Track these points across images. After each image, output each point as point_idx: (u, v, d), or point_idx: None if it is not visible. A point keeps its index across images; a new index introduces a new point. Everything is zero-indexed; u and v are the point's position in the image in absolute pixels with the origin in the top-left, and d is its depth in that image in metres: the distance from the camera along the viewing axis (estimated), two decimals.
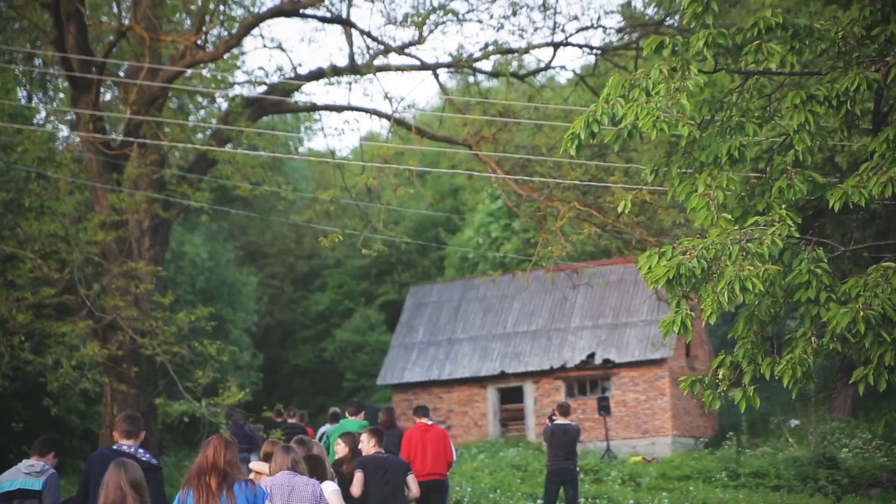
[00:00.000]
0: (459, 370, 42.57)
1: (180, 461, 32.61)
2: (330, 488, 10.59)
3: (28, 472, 11.06)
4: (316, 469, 10.62)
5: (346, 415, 16.72)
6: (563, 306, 42.27)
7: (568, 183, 20.81)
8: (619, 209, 11.79)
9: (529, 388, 41.46)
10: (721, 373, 10.89)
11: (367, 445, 12.61)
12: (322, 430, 19.38)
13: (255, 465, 11.39)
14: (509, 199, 23.94)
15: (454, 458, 17.14)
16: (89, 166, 21.86)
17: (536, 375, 41.30)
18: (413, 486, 13.28)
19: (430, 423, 16.97)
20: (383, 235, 22.79)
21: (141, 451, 10.25)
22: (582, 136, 10.91)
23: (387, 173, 21.65)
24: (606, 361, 40.03)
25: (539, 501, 21.63)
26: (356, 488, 12.14)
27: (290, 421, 22.36)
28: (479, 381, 42.34)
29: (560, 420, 19.61)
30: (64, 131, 27.42)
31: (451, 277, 50.88)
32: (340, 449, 13.01)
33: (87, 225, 21.29)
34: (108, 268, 21.38)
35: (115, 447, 10.37)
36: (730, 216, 10.70)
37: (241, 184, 22.14)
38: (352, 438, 13.13)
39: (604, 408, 35.41)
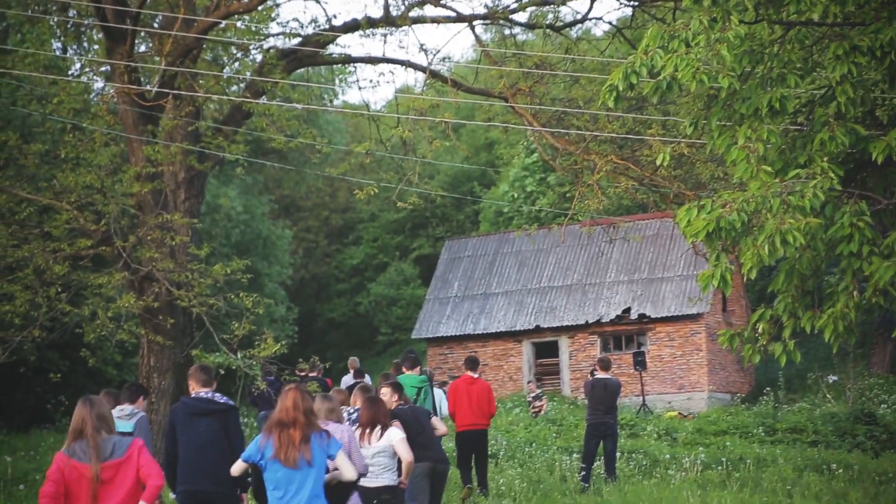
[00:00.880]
0: (494, 324, 42.56)
1: (249, 405, 32.74)
2: (398, 436, 11.20)
3: (119, 416, 11.45)
4: (378, 413, 11.24)
5: (403, 370, 16.47)
6: (598, 261, 42.11)
7: (605, 136, 20.59)
8: (658, 162, 11.65)
9: (564, 343, 41.42)
10: (761, 327, 10.77)
11: (390, 400, 12.73)
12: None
13: None
14: (545, 152, 23.75)
15: (495, 411, 17.76)
16: (124, 118, 21.82)
17: (571, 330, 41.25)
18: (439, 426, 13.58)
19: (475, 376, 17.53)
20: (418, 189, 22.68)
21: (218, 395, 10.83)
22: (620, 88, 10.77)
23: (422, 126, 21.51)
24: (642, 316, 39.91)
25: (575, 455, 21.59)
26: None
27: (311, 374, 22.49)
28: (514, 336, 42.33)
29: (601, 374, 19.58)
30: (99, 83, 27.43)
31: (485, 232, 50.77)
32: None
33: (122, 177, 21.26)
34: (143, 220, 21.37)
35: (193, 395, 10.86)
36: (770, 169, 10.53)
37: (276, 136, 22.03)
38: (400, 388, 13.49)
39: (639, 363, 35.32)
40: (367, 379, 22.41)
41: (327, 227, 61.70)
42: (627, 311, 40.37)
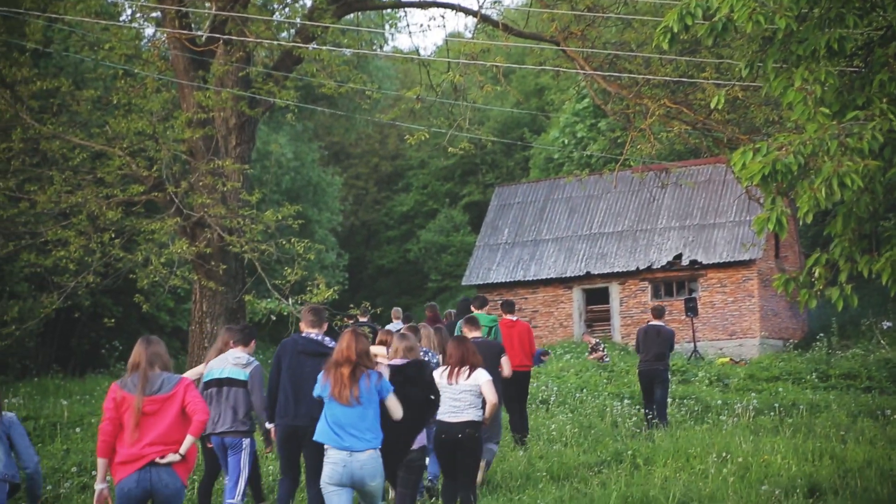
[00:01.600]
0: (544, 271, 42.49)
1: (268, 359, 33.02)
2: (485, 377, 11.69)
3: (235, 363, 12.01)
4: (467, 353, 11.73)
5: (472, 309, 17.29)
6: (649, 207, 41.87)
7: (658, 80, 20.38)
8: (712, 105, 11.50)
9: (615, 290, 41.31)
10: (817, 271, 10.64)
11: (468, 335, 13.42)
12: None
13: (374, 349, 11.92)
14: (597, 97, 23.56)
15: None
16: (175, 64, 21.84)
17: (622, 276, 41.12)
18: (505, 367, 14.64)
19: (514, 318, 17.78)
20: (469, 134, 22.58)
21: (327, 339, 11.37)
22: (675, 30, 10.60)
23: (472, 71, 21.37)
24: (694, 263, 39.69)
25: (626, 400, 21.58)
26: None
27: (362, 320, 22.54)
28: (565, 282, 42.26)
29: (654, 322, 19.63)
30: (150, 29, 27.47)
31: (535, 178, 50.59)
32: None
33: (174, 123, 21.33)
34: (195, 166, 21.44)
35: (303, 335, 11.41)
36: (827, 111, 10.36)
37: (327, 82, 21.98)
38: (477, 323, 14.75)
39: (691, 309, 35.16)
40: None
41: (377, 174, 61.73)
42: (679, 257, 40.15)
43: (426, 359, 12.23)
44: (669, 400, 21.40)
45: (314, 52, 21.65)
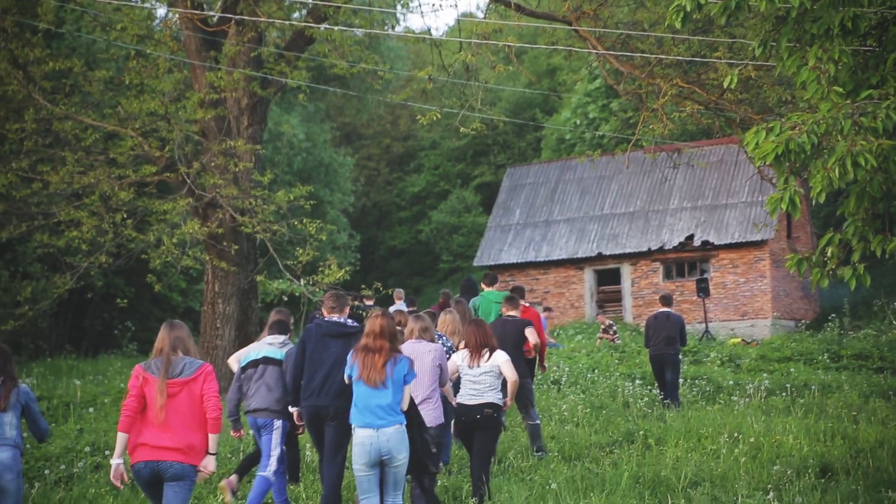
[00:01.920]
0: (556, 252, 42.50)
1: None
2: (503, 357, 12.03)
3: (271, 343, 12.45)
4: (486, 336, 12.10)
5: (483, 287, 17.48)
6: (661, 188, 41.82)
7: (670, 60, 20.31)
8: (725, 85, 11.46)
9: (627, 270, 41.30)
10: (830, 251, 10.62)
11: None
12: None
13: None
14: (609, 77, 23.48)
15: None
16: (188, 44, 21.83)
17: (634, 257, 41.11)
18: (531, 337, 14.82)
19: (526, 304, 17.32)
20: (481, 114, 22.54)
21: (349, 320, 11.61)
22: (688, 9, 10.58)
23: (484, 51, 21.30)
24: (705, 243, 39.65)
25: (637, 381, 21.60)
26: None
27: (367, 303, 22.54)
28: (576, 263, 42.26)
29: (663, 309, 19.75)
30: (162, 9, 27.44)
31: (547, 159, 50.53)
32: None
33: (186, 103, 21.32)
34: (207, 146, 21.45)
35: (326, 319, 11.65)
36: (841, 90, 10.32)
37: (339, 62, 21.95)
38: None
39: (702, 289, 35.13)
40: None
41: (389, 155, 61.74)
42: (691, 237, 40.11)
43: (440, 342, 12.27)
44: (681, 380, 21.41)
45: (326, 32, 21.61)
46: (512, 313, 15.02)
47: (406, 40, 28.78)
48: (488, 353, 12.02)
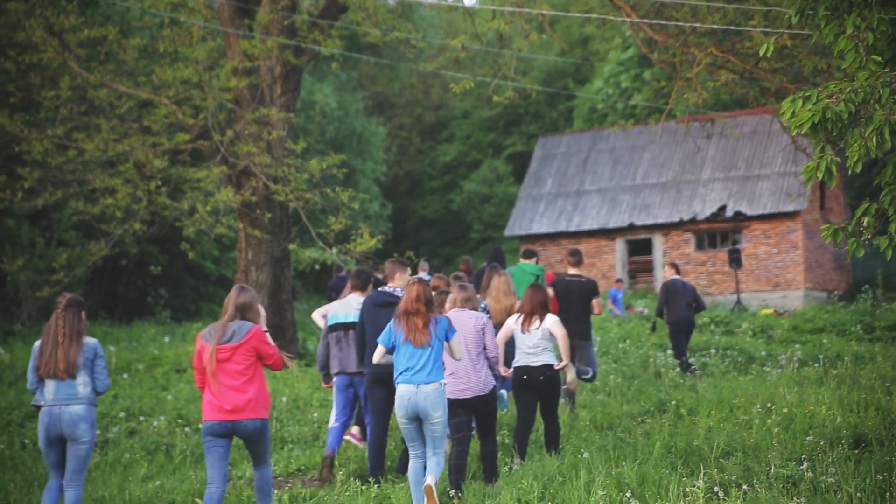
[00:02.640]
0: (588, 222, 42.42)
1: (311, 307, 33.26)
2: (552, 318, 12.76)
3: (357, 307, 12.88)
4: (537, 302, 12.71)
5: (521, 260, 17.94)
6: (694, 158, 41.65)
7: (705, 28, 20.18)
8: (761, 53, 11.37)
9: (658, 241, 41.20)
10: (865, 220, 10.53)
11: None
12: None
13: None
14: (643, 45, 23.37)
15: None
16: (221, 12, 21.85)
17: (665, 228, 41.00)
18: (596, 307, 16.32)
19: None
20: (513, 83, 22.48)
21: (398, 289, 12.45)
22: None
23: (517, 19, 21.24)
24: (738, 214, 39.49)
25: (669, 352, 21.58)
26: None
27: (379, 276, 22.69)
28: (608, 233, 42.18)
29: (676, 276, 20.04)
30: None
31: (579, 129, 50.37)
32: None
33: (219, 71, 21.36)
34: (240, 114, 21.50)
35: (381, 289, 12.60)
36: (880, 58, 10.23)
37: (371, 30, 21.93)
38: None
39: (734, 260, 35.01)
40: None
41: (420, 124, 61.67)
42: (723, 208, 39.96)
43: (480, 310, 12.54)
44: (713, 350, 21.42)
45: (359, 0, 21.59)
46: (577, 272, 16.24)
47: (439, 9, 28.52)
48: (540, 317, 12.68)
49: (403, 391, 10.71)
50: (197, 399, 17.84)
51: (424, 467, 10.81)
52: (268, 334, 10.14)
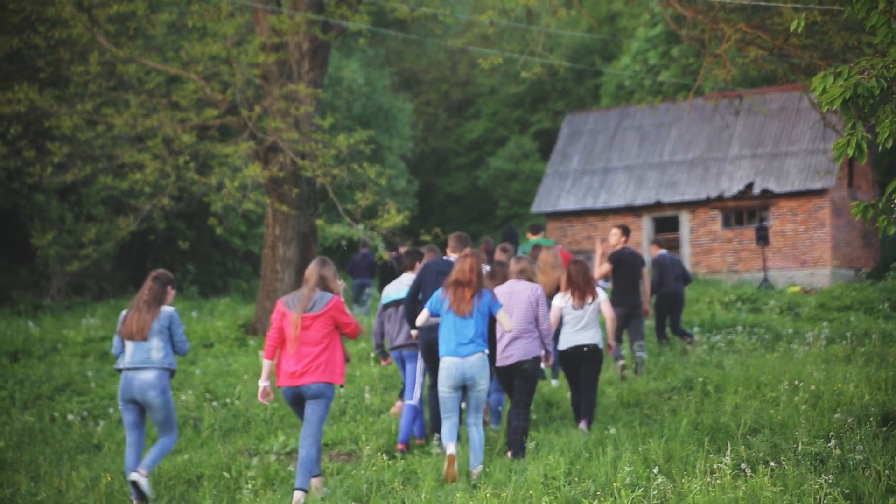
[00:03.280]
0: (614, 199, 42.32)
1: (343, 275, 33.28)
2: (603, 296, 13.47)
3: (409, 284, 13.36)
4: (588, 277, 13.36)
5: (528, 236, 18.94)
6: (721, 135, 41.45)
7: (734, 4, 20.06)
8: (791, 29, 11.31)
9: (685, 218, 41.07)
10: None
11: (618, 241, 16.15)
12: None
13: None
14: (672, 21, 23.26)
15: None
16: None
17: (692, 205, 40.86)
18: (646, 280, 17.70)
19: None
20: (541, 59, 22.42)
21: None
22: None
23: None
24: (765, 191, 39.31)
25: (696, 328, 21.54)
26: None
27: (401, 250, 22.80)
28: (634, 210, 42.07)
29: (664, 251, 20.33)
30: None
31: (606, 105, 50.19)
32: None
33: (247, 47, 21.39)
34: (268, 90, 21.53)
35: (443, 258, 13.25)
36: None
37: (399, 6, 21.90)
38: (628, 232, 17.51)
39: (762, 237, 34.86)
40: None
41: (447, 101, 61.58)
42: (750, 185, 39.78)
43: None
44: (740, 328, 21.36)
45: None
46: (627, 245, 17.07)
47: None
48: (591, 293, 13.26)
49: (450, 363, 11.23)
50: (224, 374, 17.96)
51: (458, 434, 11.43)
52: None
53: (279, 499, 10.66)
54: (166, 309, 11.22)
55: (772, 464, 10.06)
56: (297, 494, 10.53)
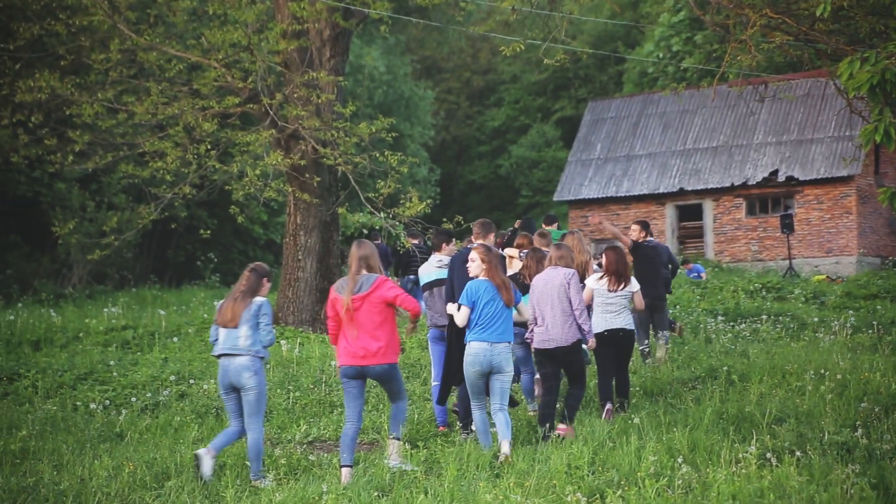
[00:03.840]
0: (637, 187, 42.16)
1: None
2: (637, 286, 13.85)
3: (438, 266, 13.61)
4: (624, 263, 13.68)
5: (544, 226, 18.88)
6: (745, 122, 41.22)
7: None
8: (817, 14, 11.17)
9: (709, 206, 40.89)
10: None
11: (638, 235, 16.46)
12: None
13: (508, 251, 15.08)
14: (696, 7, 23.05)
15: None
16: None
17: (716, 193, 40.67)
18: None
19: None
20: (564, 46, 22.27)
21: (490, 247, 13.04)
22: None
23: None
24: (790, 179, 39.09)
25: (720, 317, 21.38)
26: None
27: (413, 241, 22.83)
28: (658, 198, 41.91)
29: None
30: None
31: (629, 93, 49.98)
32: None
33: (268, 34, 21.30)
34: (289, 77, 21.44)
35: (467, 246, 13.62)
36: None
37: None
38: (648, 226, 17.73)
39: (787, 225, 34.66)
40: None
41: (469, 89, 61.45)
42: (775, 173, 39.55)
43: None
44: (764, 316, 21.19)
45: None
46: (650, 238, 17.20)
47: None
48: (625, 279, 13.59)
49: (478, 349, 11.57)
50: None
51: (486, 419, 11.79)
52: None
53: (301, 487, 10.58)
54: (257, 299, 11.62)
55: (798, 453, 9.94)
56: (344, 472, 11.09)
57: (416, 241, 23.22)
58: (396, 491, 10.21)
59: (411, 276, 24.59)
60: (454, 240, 14.28)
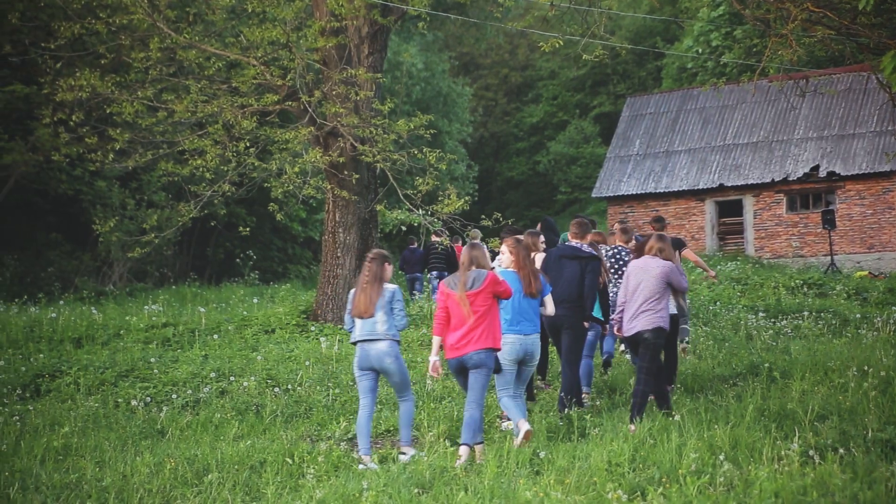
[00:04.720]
0: (676, 183, 41.96)
1: (396, 269, 33.30)
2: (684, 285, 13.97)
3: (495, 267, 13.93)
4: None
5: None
6: (786, 117, 40.92)
7: None
8: (860, 7, 11.04)
9: (749, 202, 40.63)
10: None
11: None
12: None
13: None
14: (736, 1, 22.89)
15: None
16: None
17: (756, 188, 40.41)
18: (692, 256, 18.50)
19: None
20: (603, 41, 22.17)
21: (585, 245, 14.00)
22: None
23: None
24: (831, 174, 38.78)
25: (760, 314, 21.23)
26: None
27: (435, 239, 23.15)
28: (697, 194, 41.69)
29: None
30: None
31: (668, 88, 49.75)
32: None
33: (307, 32, 21.30)
34: (328, 75, 21.45)
35: (567, 244, 14.13)
36: None
37: None
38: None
39: (828, 221, 34.40)
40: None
41: (507, 85, 61.38)
42: (816, 168, 39.25)
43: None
44: (806, 313, 21.01)
45: None
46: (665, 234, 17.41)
47: None
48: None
49: (514, 339, 12.14)
50: (285, 360, 17.96)
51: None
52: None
53: (342, 484, 10.58)
54: (388, 287, 12.23)
55: (841, 451, 9.85)
56: (463, 449, 11.54)
57: (437, 240, 24.05)
58: (436, 488, 10.20)
59: (434, 273, 27.26)
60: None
